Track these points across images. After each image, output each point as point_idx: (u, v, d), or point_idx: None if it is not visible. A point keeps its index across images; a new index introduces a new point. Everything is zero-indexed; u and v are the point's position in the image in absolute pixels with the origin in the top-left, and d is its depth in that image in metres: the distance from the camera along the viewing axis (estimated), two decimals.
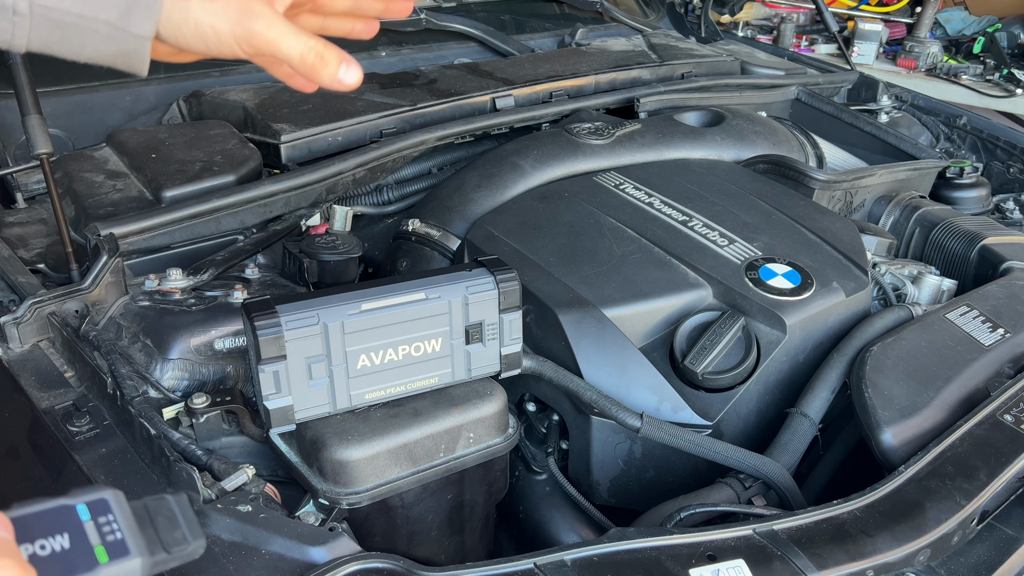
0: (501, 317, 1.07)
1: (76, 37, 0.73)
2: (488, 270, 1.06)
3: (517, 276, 1.07)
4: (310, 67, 0.77)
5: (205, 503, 0.91)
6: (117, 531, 0.57)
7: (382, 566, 0.85)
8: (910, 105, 2.33)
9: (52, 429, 1.04)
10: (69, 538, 0.55)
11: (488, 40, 2.22)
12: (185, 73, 1.82)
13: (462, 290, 1.03)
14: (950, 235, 1.67)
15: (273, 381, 0.96)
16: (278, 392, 0.97)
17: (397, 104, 1.70)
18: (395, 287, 1.01)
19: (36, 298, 1.18)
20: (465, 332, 1.05)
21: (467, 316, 1.04)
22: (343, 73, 0.77)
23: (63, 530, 0.56)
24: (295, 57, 0.76)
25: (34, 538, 0.55)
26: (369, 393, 1.03)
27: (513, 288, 1.06)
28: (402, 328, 1.01)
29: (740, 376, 1.23)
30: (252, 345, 0.95)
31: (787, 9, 4.54)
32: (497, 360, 1.09)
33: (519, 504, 1.28)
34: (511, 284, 1.06)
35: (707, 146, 1.76)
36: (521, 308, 1.09)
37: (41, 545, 0.55)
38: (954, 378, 1.20)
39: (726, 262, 1.34)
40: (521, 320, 1.09)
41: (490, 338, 1.07)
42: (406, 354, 1.02)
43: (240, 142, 1.52)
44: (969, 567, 1.01)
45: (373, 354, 1.00)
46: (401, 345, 1.02)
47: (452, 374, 1.07)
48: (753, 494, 1.15)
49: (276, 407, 0.98)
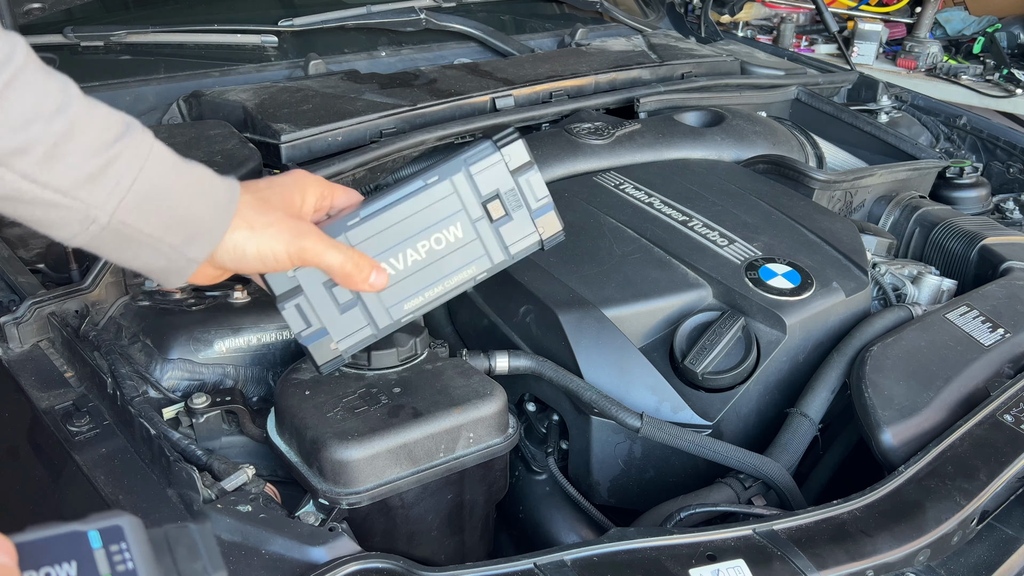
0: (516, 179, 0.98)
1: (133, 249, 0.79)
2: (485, 137, 0.98)
3: (517, 131, 0.99)
4: (347, 275, 0.89)
5: (205, 503, 0.91)
6: (129, 560, 0.54)
7: (382, 566, 0.85)
8: (910, 105, 2.33)
9: (52, 429, 1.04)
10: (77, 566, 0.53)
11: (488, 40, 2.21)
12: (185, 73, 1.82)
13: (460, 164, 0.96)
14: (950, 235, 1.67)
15: (299, 315, 0.93)
16: (308, 326, 0.94)
17: (397, 104, 1.70)
18: (392, 187, 0.96)
19: (36, 298, 1.18)
20: (483, 208, 0.98)
21: (477, 190, 0.97)
22: (373, 279, 0.91)
23: (71, 558, 0.53)
24: (336, 267, 0.88)
25: (39, 565, 0.52)
26: (407, 302, 0.97)
27: (515, 143, 0.97)
28: (412, 223, 0.95)
29: (740, 376, 1.23)
30: (268, 289, 0.92)
31: (787, 9, 4.54)
32: (533, 228, 1.00)
33: (519, 504, 1.28)
34: (511, 139, 0.97)
35: (707, 146, 1.76)
36: (535, 164, 0.99)
37: (46, 573, 0.52)
38: (954, 378, 1.20)
39: (726, 262, 1.34)
40: (541, 179, 0.99)
41: (515, 207, 0.98)
42: (428, 250, 0.96)
43: (240, 142, 1.52)
44: (969, 567, 1.01)
45: (393, 260, 0.95)
46: (420, 242, 0.96)
47: (489, 258, 0.99)
48: (753, 494, 1.15)
49: (314, 343, 0.94)
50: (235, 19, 1.98)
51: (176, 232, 0.80)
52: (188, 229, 0.80)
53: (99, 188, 0.74)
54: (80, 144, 0.73)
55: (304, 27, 2.01)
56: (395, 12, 2.12)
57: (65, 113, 0.72)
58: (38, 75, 0.72)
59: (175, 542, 0.58)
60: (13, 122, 0.69)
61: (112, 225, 0.76)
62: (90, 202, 0.74)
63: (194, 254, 0.82)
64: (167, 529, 0.58)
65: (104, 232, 0.76)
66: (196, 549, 0.58)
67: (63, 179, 0.72)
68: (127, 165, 0.75)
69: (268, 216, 0.85)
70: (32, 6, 1.63)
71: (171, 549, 0.58)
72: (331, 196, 0.95)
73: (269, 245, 0.84)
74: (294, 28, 2.00)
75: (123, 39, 1.82)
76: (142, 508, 0.93)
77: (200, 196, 0.81)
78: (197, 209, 0.80)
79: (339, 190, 0.96)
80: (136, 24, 1.86)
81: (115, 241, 0.78)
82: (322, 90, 1.75)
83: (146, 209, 0.77)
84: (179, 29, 1.90)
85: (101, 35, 1.79)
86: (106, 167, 0.74)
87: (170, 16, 1.99)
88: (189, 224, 0.80)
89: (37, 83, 0.71)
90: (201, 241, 0.81)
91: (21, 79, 0.70)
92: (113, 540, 0.54)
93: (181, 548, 0.58)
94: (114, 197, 0.75)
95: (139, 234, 0.78)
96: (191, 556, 0.58)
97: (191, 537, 0.59)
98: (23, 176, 0.71)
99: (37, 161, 0.71)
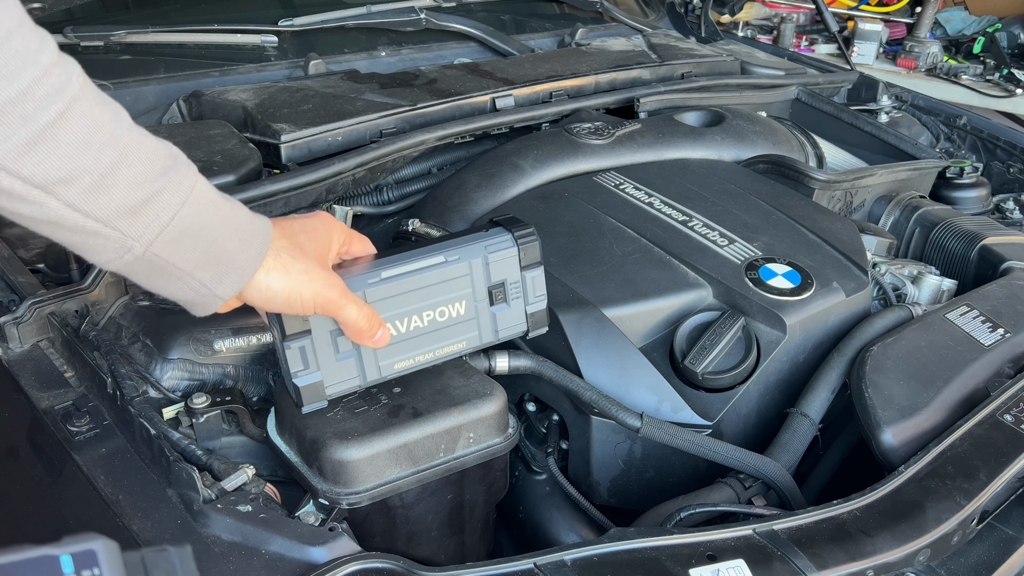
0: (523, 275, 1.05)
1: (163, 279, 0.81)
2: (506, 228, 1.05)
3: (535, 232, 1.05)
4: (359, 330, 0.94)
5: (205, 503, 0.91)
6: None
7: (382, 566, 0.85)
8: (910, 105, 2.33)
9: (52, 429, 1.04)
10: None
11: (488, 40, 2.21)
12: (185, 73, 1.82)
13: (481, 250, 1.02)
14: (950, 235, 1.67)
15: (300, 357, 0.95)
16: (306, 368, 0.96)
17: (397, 104, 1.70)
18: (414, 253, 1.00)
19: (36, 298, 1.18)
20: (488, 293, 1.04)
21: (488, 276, 1.03)
22: (378, 337, 0.95)
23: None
24: (351, 321, 0.92)
25: None
26: (398, 363, 1.02)
27: (533, 243, 1.05)
28: (424, 293, 1.00)
29: (740, 376, 1.23)
30: (275, 322, 0.94)
31: (787, 9, 4.53)
32: (523, 320, 1.08)
33: (519, 504, 1.28)
34: (530, 239, 1.05)
35: (707, 146, 1.76)
36: (542, 264, 1.07)
37: None
38: (954, 378, 1.20)
39: (726, 262, 1.34)
40: (544, 277, 1.08)
41: (514, 297, 1.06)
42: (431, 320, 1.01)
43: (240, 142, 1.52)
44: (969, 567, 1.01)
45: (398, 322, 0.99)
46: (425, 311, 1.01)
47: (479, 337, 1.06)
48: (753, 494, 1.15)
49: (306, 384, 0.97)
50: (235, 19, 1.98)
51: (207, 269, 0.81)
52: (220, 267, 0.82)
53: (139, 221, 0.75)
54: (126, 176, 0.73)
55: (304, 27, 2.01)
56: (395, 12, 2.12)
57: (115, 145, 0.73)
58: (91, 105, 0.72)
59: (152, 566, 0.56)
60: (63, 152, 0.69)
61: (146, 256, 0.77)
62: (128, 233, 0.75)
63: (222, 291, 0.83)
64: (144, 553, 0.56)
65: (138, 261, 0.77)
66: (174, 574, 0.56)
67: (105, 209, 0.73)
68: (169, 200, 0.76)
69: (303, 263, 0.88)
70: (32, 6, 1.63)
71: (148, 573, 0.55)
72: (349, 243, 0.98)
73: (299, 291, 0.87)
74: (294, 28, 2.00)
75: (123, 39, 1.82)
76: (142, 508, 0.93)
77: (235, 235, 0.82)
78: (231, 248, 0.82)
79: (356, 238, 0.99)
80: (136, 24, 1.85)
81: (147, 270, 0.79)
82: (322, 90, 1.75)
83: (181, 244, 0.78)
84: (179, 29, 1.89)
85: (101, 35, 1.79)
86: (148, 200, 0.75)
87: (170, 16, 1.98)
88: (222, 261, 0.82)
89: (90, 113, 0.72)
90: (231, 279, 0.83)
91: (75, 109, 0.70)
92: (86, 565, 0.52)
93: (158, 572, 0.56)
94: (152, 230, 0.76)
95: (171, 267, 0.79)
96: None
97: (170, 561, 0.57)
98: (67, 204, 0.71)
99: (83, 191, 0.71)
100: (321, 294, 0.88)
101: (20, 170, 0.68)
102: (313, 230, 0.92)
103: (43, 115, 0.68)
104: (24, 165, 0.68)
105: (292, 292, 0.87)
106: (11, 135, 0.67)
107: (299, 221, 0.92)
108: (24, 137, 0.67)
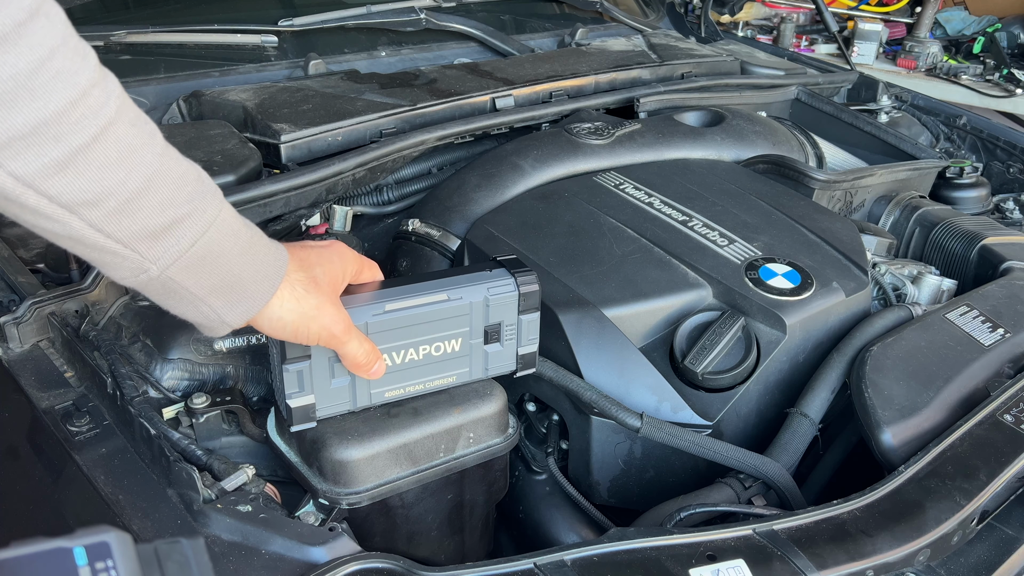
0: (520, 318, 1.07)
1: (174, 300, 0.81)
2: (509, 271, 1.06)
3: (537, 278, 1.07)
4: (358, 365, 0.95)
5: (205, 503, 0.91)
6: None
7: (382, 566, 0.85)
8: (910, 105, 2.33)
9: (52, 429, 1.04)
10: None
11: (488, 40, 2.21)
12: (185, 73, 1.82)
13: (483, 292, 1.04)
14: (950, 235, 1.67)
15: (297, 380, 0.96)
16: (301, 391, 0.97)
17: (397, 104, 1.70)
18: (417, 287, 1.01)
19: (36, 298, 1.17)
20: (484, 333, 1.06)
21: (487, 317, 1.05)
22: (375, 369, 0.97)
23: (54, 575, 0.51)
24: (351, 356, 0.94)
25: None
26: (389, 392, 1.03)
27: (533, 290, 1.06)
28: (423, 328, 1.01)
29: (740, 376, 1.23)
30: (276, 344, 0.95)
31: (787, 9, 4.54)
32: (514, 360, 1.10)
33: (519, 504, 1.28)
34: (531, 286, 1.06)
35: (707, 146, 1.76)
36: (539, 309, 1.08)
37: None
38: (954, 378, 1.20)
39: (726, 262, 1.34)
40: (539, 321, 1.09)
41: (508, 338, 1.07)
42: (426, 354, 1.03)
43: (240, 142, 1.52)
44: (969, 567, 1.01)
45: (395, 354, 1.00)
46: (422, 345, 1.02)
47: (470, 373, 1.08)
48: (753, 494, 1.15)
49: (298, 405, 0.98)
50: (235, 19, 1.98)
51: (220, 296, 0.81)
52: (232, 295, 0.82)
53: (159, 245, 0.75)
54: (151, 201, 0.73)
55: (304, 27, 2.01)
56: (395, 12, 2.12)
57: (144, 170, 0.73)
58: (126, 128, 0.72)
59: (165, 558, 0.56)
60: (92, 175, 0.69)
61: (161, 278, 0.77)
62: (147, 256, 0.75)
63: (231, 319, 0.84)
64: (157, 545, 0.56)
65: (152, 282, 0.78)
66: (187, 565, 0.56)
67: (127, 232, 0.73)
68: (190, 227, 0.76)
69: (316, 298, 0.88)
70: None
71: (161, 565, 0.55)
72: (360, 272, 0.99)
73: (307, 324, 0.88)
74: (294, 28, 2.00)
75: (123, 39, 1.82)
76: (142, 508, 0.93)
77: (251, 265, 0.82)
78: (246, 278, 0.82)
79: (367, 265, 1.00)
80: (136, 24, 1.85)
81: (160, 291, 0.79)
82: (322, 90, 1.75)
83: (197, 271, 0.79)
84: (179, 29, 1.89)
85: (101, 35, 1.79)
86: (171, 227, 0.75)
87: (170, 16, 1.98)
88: (235, 290, 0.82)
89: (124, 138, 0.71)
90: (241, 308, 0.83)
91: (109, 133, 0.70)
92: (99, 557, 0.52)
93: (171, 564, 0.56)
94: (170, 255, 0.76)
95: (184, 291, 0.79)
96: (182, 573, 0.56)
97: (182, 552, 0.57)
98: (90, 224, 0.71)
99: (107, 213, 0.71)
100: (327, 329, 0.89)
101: (48, 190, 0.68)
102: (328, 262, 0.92)
103: (76, 137, 0.68)
104: (52, 185, 0.68)
105: (300, 325, 0.88)
106: (42, 155, 0.66)
107: (316, 252, 0.92)
108: (55, 158, 0.67)
